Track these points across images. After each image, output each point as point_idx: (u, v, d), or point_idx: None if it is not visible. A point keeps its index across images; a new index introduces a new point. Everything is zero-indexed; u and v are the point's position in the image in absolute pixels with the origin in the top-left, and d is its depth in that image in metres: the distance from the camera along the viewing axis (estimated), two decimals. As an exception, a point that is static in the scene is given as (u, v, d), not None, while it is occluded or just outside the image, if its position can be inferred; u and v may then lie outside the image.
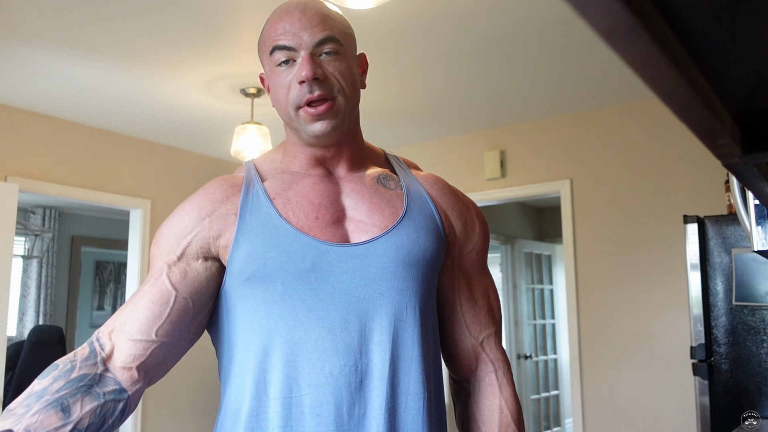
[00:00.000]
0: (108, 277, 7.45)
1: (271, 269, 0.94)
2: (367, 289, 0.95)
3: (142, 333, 0.93)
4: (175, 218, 1.00)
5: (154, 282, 0.96)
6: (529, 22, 2.72)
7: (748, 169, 0.54)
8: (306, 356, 0.93)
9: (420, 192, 1.07)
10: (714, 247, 2.55)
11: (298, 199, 1.01)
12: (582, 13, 0.28)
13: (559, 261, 6.81)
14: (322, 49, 0.98)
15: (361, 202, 1.02)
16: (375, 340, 0.94)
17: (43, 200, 6.31)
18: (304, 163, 1.06)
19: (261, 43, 1.04)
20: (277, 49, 0.98)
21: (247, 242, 0.96)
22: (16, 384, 4.76)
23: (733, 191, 1.25)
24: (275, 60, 0.99)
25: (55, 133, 3.90)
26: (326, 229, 0.98)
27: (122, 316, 0.95)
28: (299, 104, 0.98)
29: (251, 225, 0.97)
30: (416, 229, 1.01)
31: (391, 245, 0.98)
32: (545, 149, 4.02)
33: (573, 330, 3.79)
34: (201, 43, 2.90)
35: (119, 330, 0.94)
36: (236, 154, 3.51)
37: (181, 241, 0.97)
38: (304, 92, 0.97)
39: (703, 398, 2.50)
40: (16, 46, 2.90)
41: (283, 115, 1.03)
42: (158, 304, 0.94)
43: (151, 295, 0.95)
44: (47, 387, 0.87)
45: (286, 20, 0.99)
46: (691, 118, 0.41)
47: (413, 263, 0.98)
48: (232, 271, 0.96)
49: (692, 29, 0.34)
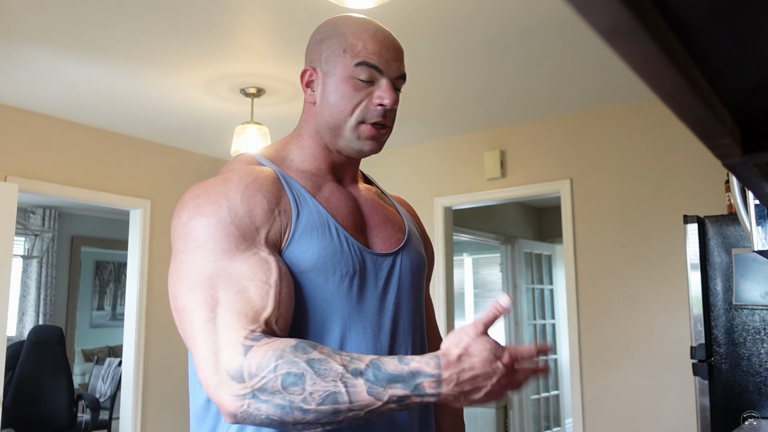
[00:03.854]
0: (108, 277, 7.45)
1: (326, 267, 0.96)
2: (394, 295, 1.04)
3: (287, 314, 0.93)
4: (242, 206, 0.93)
5: (260, 263, 0.90)
6: (530, 22, 2.72)
7: (748, 169, 0.54)
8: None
9: (404, 212, 1.20)
10: (714, 247, 2.55)
11: (335, 201, 1.04)
12: (582, 13, 0.28)
13: (559, 261, 6.81)
14: (396, 84, 1.06)
15: (376, 214, 1.11)
16: (401, 342, 1.03)
17: (43, 200, 6.31)
18: (322, 167, 1.08)
19: (338, 44, 1.03)
20: (367, 65, 1.02)
21: (305, 236, 0.97)
22: (16, 384, 4.76)
23: (733, 191, 1.25)
24: (358, 72, 1.02)
25: (55, 133, 3.90)
26: (358, 234, 1.04)
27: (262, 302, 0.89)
28: (367, 120, 1.04)
29: (307, 219, 0.98)
30: (417, 244, 1.14)
31: (407, 257, 1.09)
32: (545, 149, 4.02)
33: (573, 330, 3.79)
34: (201, 43, 2.90)
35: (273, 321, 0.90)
36: (236, 154, 3.51)
37: (261, 232, 0.93)
38: (378, 113, 1.03)
39: (703, 398, 2.50)
40: (16, 46, 2.90)
41: (333, 120, 1.04)
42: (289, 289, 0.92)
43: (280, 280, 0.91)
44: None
45: (382, 44, 1.04)
46: (691, 118, 0.41)
47: (420, 274, 1.11)
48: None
49: (692, 29, 0.34)
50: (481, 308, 7.45)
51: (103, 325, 7.30)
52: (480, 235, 5.69)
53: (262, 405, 0.80)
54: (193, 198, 0.95)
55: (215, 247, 0.90)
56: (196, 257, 0.90)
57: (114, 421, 5.64)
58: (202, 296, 0.87)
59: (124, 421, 4.21)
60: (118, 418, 4.94)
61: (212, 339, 0.84)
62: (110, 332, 7.31)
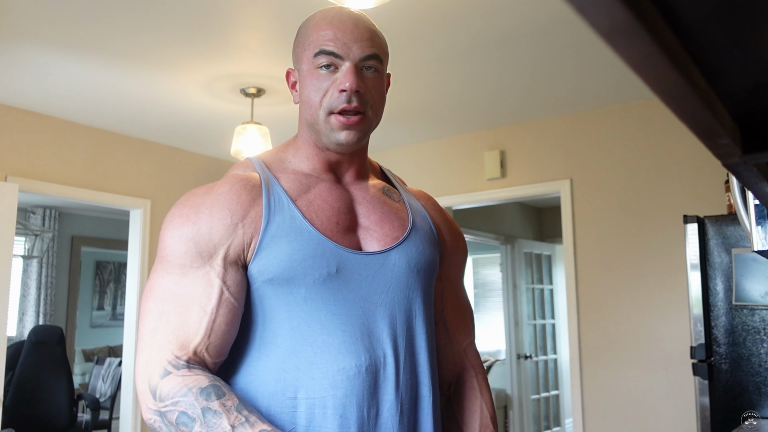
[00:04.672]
0: (108, 277, 7.45)
1: (297, 272, 0.95)
2: (384, 296, 1.00)
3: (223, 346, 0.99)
4: (204, 221, 0.96)
5: (208, 289, 0.95)
6: (529, 22, 2.72)
7: (748, 169, 0.54)
8: (330, 359, 0.95)
9: (418, 207, 1.15)
10: (714, 247, 2.55)
11: (320, 203, 1.03)
12: (582, 13, 0.28)
13: (559, 261, 6.81)
14: (365, 64, 1.02)
15: (372, 212, 1.07)
16: (391, 345, 0.99)
17: (43, 200, 6.31)
18: (317, 167, 1.08)
19: (303, 41, 1.05)
20: (324, 53, 1.01)
21: (272, 244, 0.96)
22: (16, 384, 4.76)
23: (733, 191, 1.25)
24: (317, 62, 1.01)
25: (55, 133, 3.90)
26: (345, 235, 1.02)
27: (191, 329, 0.94)
28: (333, 110, 1.01)
29: (277, 227, 0.98)
30: (422, 241, 1.08)
31: (404, 255, 1.04)
32: (545, 149, 4.02)
33: (573, 330, 3.79)
34: (201, 43, 2.90)
35: (202, 349, 0.95)
36: (236, 154, 3.51)
37: (219, 249, 0.95)
38: (341, 100, 1.00)
39: (703, 398, 2.50)
40: (16, 46, 2.90)
41: (309, 116, 1.04)
42: (233, 317, 0.97)
43: (219, 307, 0.96)
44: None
45: (338, 28, 1.01)
46: (691, 118, 0.41)
47: (421, 273, 1.05)
48: (251, 272, 0.97)
49: (692, 29, 0.34)
50: (481, 308, 7.45)
51: (103, 325, 7.30)
52: (480, 235, 5.69)
53: (163, 427, 0.90)
54: (176, 206, 1.00)
55: (174, 261, 0.96)
56: (159, 267, 0.97)
57: (114, 421, 5.65)
58: (153, 306, 0.95)
59: (124, 421, 4.21)
60: (118, 418, 4.94)
61: (149, 349, 0.93)
62: (110, 332, 7.32)
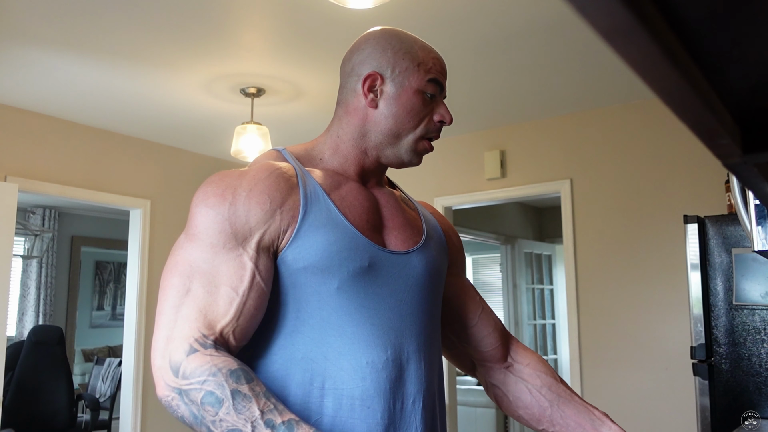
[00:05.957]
0: (108, 277, 7.45)
1: (333, 263, 0.97)
2: (407, 294, 1.05)
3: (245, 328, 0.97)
4: (242, 203, 0.96)
5: (240, 270, 0.94)
6: (529, 22, 2.72)
7: (748, 169, 0.54)
8: (358, 351, 0.97)
9: (429, 216, 1.22)
10: (714, 247, 2.55)
11: (351, 200, 1.06)
12: (582, 13, 0.28)
13: (559, 261, 6.81)
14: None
15: (396, 216, 1.12)
16: (414, 341, 1.04)
17: (43, 200, 6.31)
18: (351, 169, 1.10)
19: (411, 56, 1.08)
20: (436, 83, 1.09)
21: (310, 233, 0.98)
22: (15, 384, 4.76)
23: (733, 191, 1.25)
24: (428, 88, 1.08)
25: (55, 133, 3.90)
26: (373, 233, 1.05)
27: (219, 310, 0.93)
28: (427, 135, 1.10)
29: (314, 217, 0.99)
30: (435, 247, 1.15)
31: (423, 258, 1.09)
32: (545, 149, 4.02)
33: (573, 330, 3.79)
34: (201, 43, 2.90)
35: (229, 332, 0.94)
36: (236, 154, 3.51)
37: (254, 233, 0.95)
38: (437, 129, 1.11)
39: (704, 398, 2.50)
40: (16, 46, 2.90)
41: (396, 128, 1.08)
42: (261, 301, 0.97)
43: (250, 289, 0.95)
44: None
45: (441, 63, 1.12)
46: (691, 118, 0.41)
47: (435, 276, 1.11)
48: (285, 259, 0.98)
49: (692, 29, 0.34)
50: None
51: (103, 325, 7.30)
52: (480, 235, 5.69)
53: (182, 405, 0.87)
54: (208, 184, 0.99)
55: (206, 239, 0.95)
56: (188, 243, 0.96)
57: (114, 421, 5.65)
58: (179, 281, 0.93)
59: (124, 421, 4.21)
60: (118, 418, 4.94)
61: (171, 325, 0.91)
62: (110, 332, 7.32)
